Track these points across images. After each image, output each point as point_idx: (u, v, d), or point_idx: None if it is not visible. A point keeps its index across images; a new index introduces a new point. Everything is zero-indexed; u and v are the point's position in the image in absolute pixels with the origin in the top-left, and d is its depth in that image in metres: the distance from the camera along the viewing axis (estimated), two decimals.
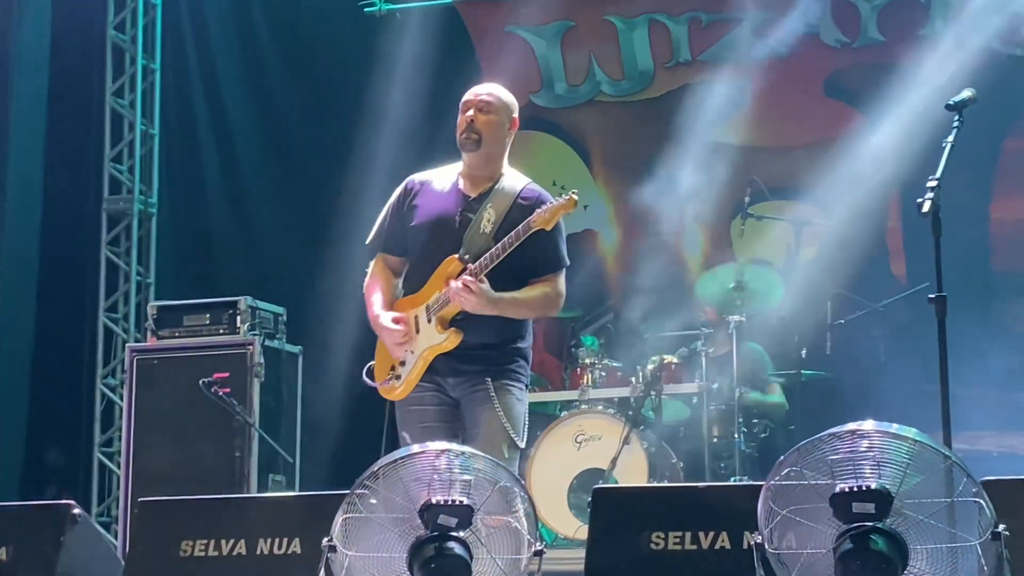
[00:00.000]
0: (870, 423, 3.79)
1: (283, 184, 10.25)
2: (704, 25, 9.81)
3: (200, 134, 10.50)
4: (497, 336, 5.08)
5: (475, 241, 5.06)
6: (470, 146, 5.16)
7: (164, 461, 8.05)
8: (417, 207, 5.23)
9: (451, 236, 5.11)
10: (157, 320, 8.49)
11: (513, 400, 5.09)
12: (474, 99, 5.20)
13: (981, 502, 3.64)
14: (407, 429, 5.16)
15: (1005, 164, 9.02)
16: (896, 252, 9.12)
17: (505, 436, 5.03)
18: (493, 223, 5.07)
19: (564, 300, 5.20)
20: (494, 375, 5.06)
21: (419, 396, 5.13)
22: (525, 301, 5.07)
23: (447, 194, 5.21)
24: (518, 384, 5.13)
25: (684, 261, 9.59)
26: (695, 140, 9.16)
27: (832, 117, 9.25)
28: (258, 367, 8.12)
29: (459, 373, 5.09)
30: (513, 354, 5.13)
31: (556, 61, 10.10)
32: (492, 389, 5.04)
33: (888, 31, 9.37)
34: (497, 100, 5.21)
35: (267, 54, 10.45)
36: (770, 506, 3.80)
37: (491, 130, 5.16)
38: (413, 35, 10.11)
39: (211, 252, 10.34)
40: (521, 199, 5.13)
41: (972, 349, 7.06)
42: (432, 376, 5.11)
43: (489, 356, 5.08)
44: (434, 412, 5.13)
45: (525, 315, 5.13)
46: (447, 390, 5.13)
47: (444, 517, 4.06)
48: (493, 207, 5.11)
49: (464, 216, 5.13)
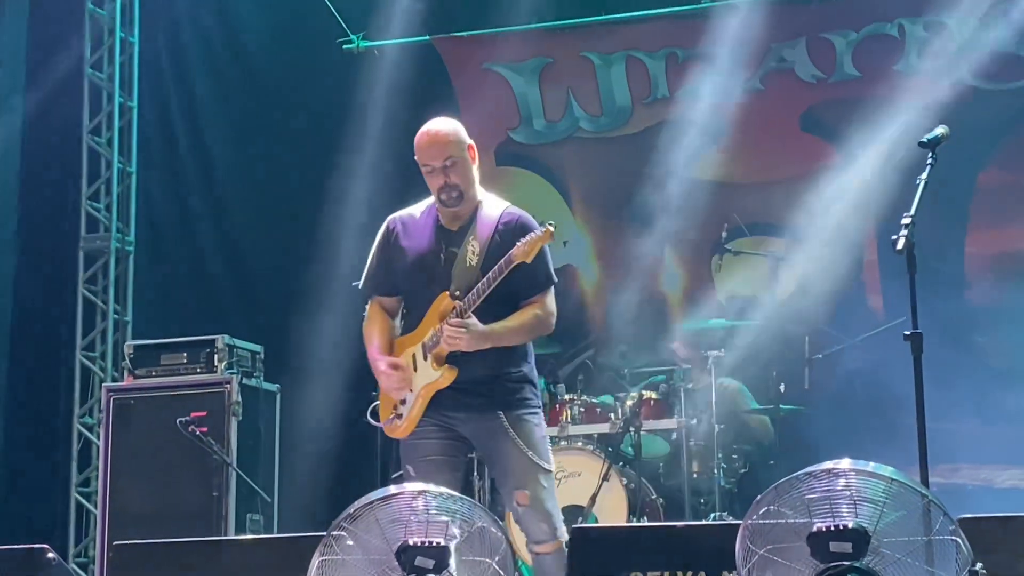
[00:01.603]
0: (847, 461, 3.79)
1: (261, 221, 10.23)
2: (681, 61, 9.84)
3: (178, 172, 10.49)
4: (498, 366, 5.10)
5: (463, 275, 5.08)
6: (454, 203, 5.17)
7: (141, 501, 8.00)
8: (402, 248, 5.27)
9: (439, 273, 5.14)
10: (134, 359, 8.45)
11: (531, 428, 5.11)
12: (437, 163, 5.16)
13: (958, 540, 3.63)
14: (410, 463, 5.18)
15: (980, 198, 9.06)
16: (873, 286, 9.14)
17: (535, 467, 5.05)
18: (478, 255, 5.09)
19: (556, 317, 5.20)
20: (505, 407, 5.08)
21: (423, 431, 5.16)
22: (517, 327, 5.09)
23: (429, 231, 5.23)
24: (531, 410, 5.15)
25: (664, 297, 9.59)
26: (673, 176, 9.20)
27: (808, 152, 9.28)
28: (236, 406, 8.08)
29: (468, 408, 5.11)
30: (519, 381, 5.15)
31: (534, 97, 10.12)
32: (507, 422, 5.05)
33: (863, 66, 9.41)
34: (454, 146, 5.19)
35: (245, 91, 10.45)
36: (748, 545, 3.80)
37: (464, 177, 5.17)
38: (391, 72, 10.14)
39: (188, 290, 10.31)
40: (502, 225, 5.15)
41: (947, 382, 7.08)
42: (439, 411, 5.13)
43: (495, 388, 5.09)
44: (437, 445, 5.14)
45: (521, 340, 5.14)
46: (455, 425, 5.15)
47: (421, 559, 4.05)
48: (475, 239, 5.13)
49: (449, 252, 5.16)
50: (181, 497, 7.91)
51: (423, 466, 5.09)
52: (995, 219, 9.00)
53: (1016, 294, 8.58)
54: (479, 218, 5.18)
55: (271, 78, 10.37)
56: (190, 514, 7.78)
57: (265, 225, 10.19)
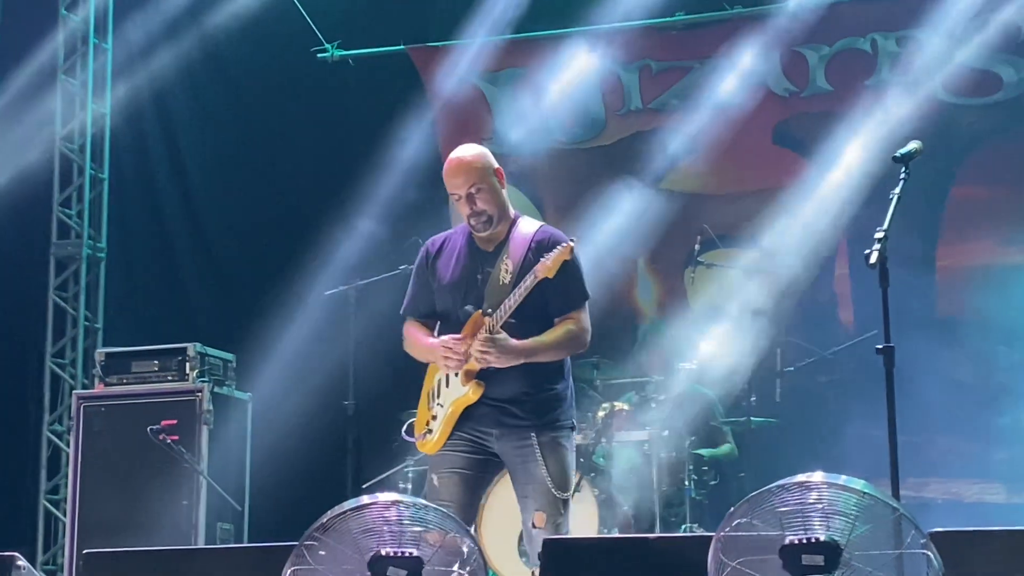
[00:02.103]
0: (819, 475, 3.80)
1: (234, 230, 10.21)
2: (655, 73, 9.87)
3: (151, 180, 10.46)
4: (532, 383, 5.12)
5: (495, 293, 5.12)
6: (482, 227, 5.21)
7: (111, 509, 7.96)
8: (438, 268, 5.31)
9: (473, 292, 5.18)
10: (105, 366, 8.42)
11: (563, 452, 5.13)
12: (462, 190, 5.18)
13: (929, 554, 3.65)
14: (435, 472, 5.22)
15: (951, 212, 9.11)
16: (844, 299, 9.18)
17: (554, 498, 5.08)
18: (511, 273, 5.13)
19: (590, 335, 5.23)
20: (539, 428, 5.10)
21: (454, 443, 5.19)
22: (551, 343, 5.11)
23: (464, 252, 5.28)
24: (564, 432, 5.17)
25: (637, 308, 9.61)
26: (647, 187, 9.23)
27: (781, 165, 9.32)
28: (207, 414, 8.06)
29: (502, 425, 5.13)
30: (553, 400, 5.17)
31: (508, 107, 10.12)
32: (537, 446, 5.08)
33: (836, 81, 9.46)
34: (478, 173, 5.20)
35: (220, 99, 10.44)
36: (720, 558, 3.80)
37: (492, 202, 5.19)
38: (366, 81, 10.15)
39: (160, 298, 10.28)
40: (535, 243, 5.18)
41: (917, 395, 7.12)
42: (473, 427, 5.16)
43: (530, 407, 5.11)
44: (465, 460, 5.17)
45: (553, 356, 5.16)
46: (487, 441, 5.17)
47: (393, 569, 4.04)
48: (509, 257, 5.17)
49: (484, 271, 5.20)
50: (151, 505, 7.88)
51: (447, 478, 5.15)
52: (966, 233, 9.05)
53: (986, 308, 8.63)
54: (513, 237, 5.22)
55: (246, 86, 10.36)
56: (160, 523, 7.74)
57: (238, 233, 10.17)
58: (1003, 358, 8.36)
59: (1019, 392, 8.42)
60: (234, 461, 8.31)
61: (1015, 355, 8.37)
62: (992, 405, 8.42)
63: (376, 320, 8.54)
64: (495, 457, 5.20)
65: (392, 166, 9.69)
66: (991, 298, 8.66)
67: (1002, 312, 8.49)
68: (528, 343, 5.06)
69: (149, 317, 10.12)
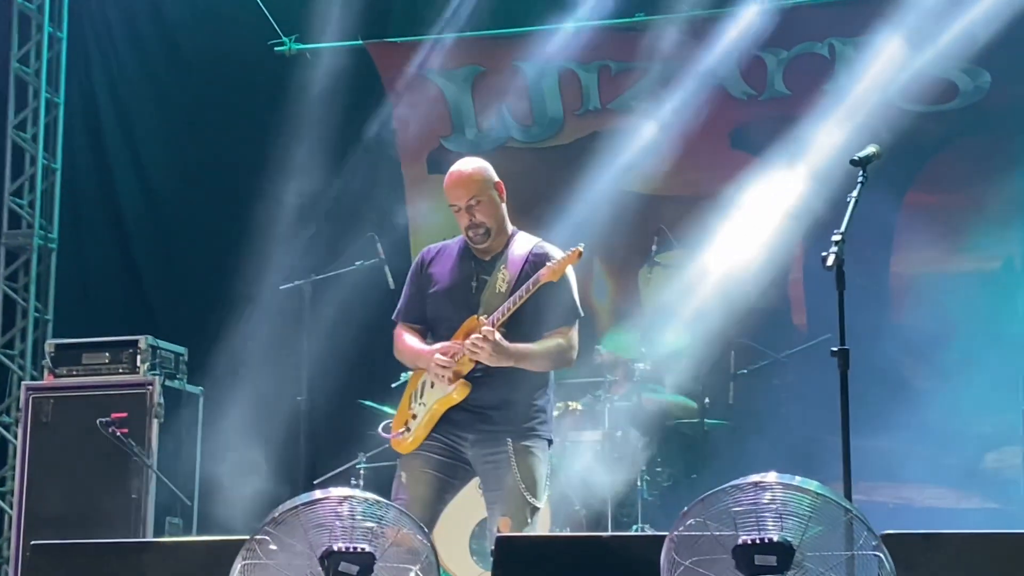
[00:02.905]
0: (772, 475, 3.80)
1: (187, 223, 10.15)
2: (614, 73, 9.89)
3: (104, 170, 10.38)
4: (515, 392, 5.15)
5: (492, 302, 5.16)
6: (481, 239, 5.27)
7: (58, 502, 7.89)
8: (433, 274, 5.34)
9: (469, 299, 5.22)
10: (55, 358, 8.34)
11: (535, 461, 5.15)
12: (462, 202, 5.23)
13: (881, 556, 3.66)
14: (405, 469, 5.22)
15: (906, 218, 9.16)
16: (798, 303, 9.22)
17: (526, 504, 5.09)
18: (508, 282, 5.17)
19: (577, 352, 5.28)
20: (515, 436, 5.12)
21: (429, 445, 5.20)
22: (540, 352, 5.15)
23: (462, 259, 5.32)
24: (538, 444, 5.19)
25: (592, 308, 9.60)
26: (604, 188, 9.23)
27: (738, 168, 9.32)
28: (158, 407, 8.00)
29: (478, 431, 5.15)
30: (533, 412, 5.19)
31: (467, 106, 10.12)
32: (512, 451, 5.08)
33: (794, 85, 9.50)
34: (478, 186, 5.25)
35: (176, 91, 10.36)
36: (673, 557, 3.81)
37: (491, 215, 5.25)
38: (323, 76, 10.09)
39: (112, 290, 10.20)
40: (533, 256, 5.25)
41: (869, 400, 7.16)
42: (450, 430, 5.17)
43: (508, 415, 5.12)
44: (438, 462, 5.19)
45: (540, 366, 5.19)
46: (462, 447, 5.17)
47: (345, 564, 4.02)
48: (507, 267, 5.21)
49: (480, 279, 5.23)
50: (99, 499, 7.82)
51: (416, 476, 5.16)
52: (920, 240, 9.10)
53: (939, 314, 8.68)
54: (511, 249, 5.28)
55: (203, 78, 10.29)
56: (108, 516, 7.70)
57: (192, 226, 10.11)
58: (955, 364, 8.41)
59: (970, 398, 8.47)
60: (184, 455, 8.25)
61: (966, 361, 8.42)
62: (944, 411, 8.46)
63: (330, 316, 8.53)
64: (467, 464, 5.21)
65: (349, 162, 9.66)
66: (944, 304, 8.72)
67: (954, 319, 8.55)
68: (520, 347, 5.09)
69: (100, 309, 10.04)
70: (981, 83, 9.14)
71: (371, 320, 5.34)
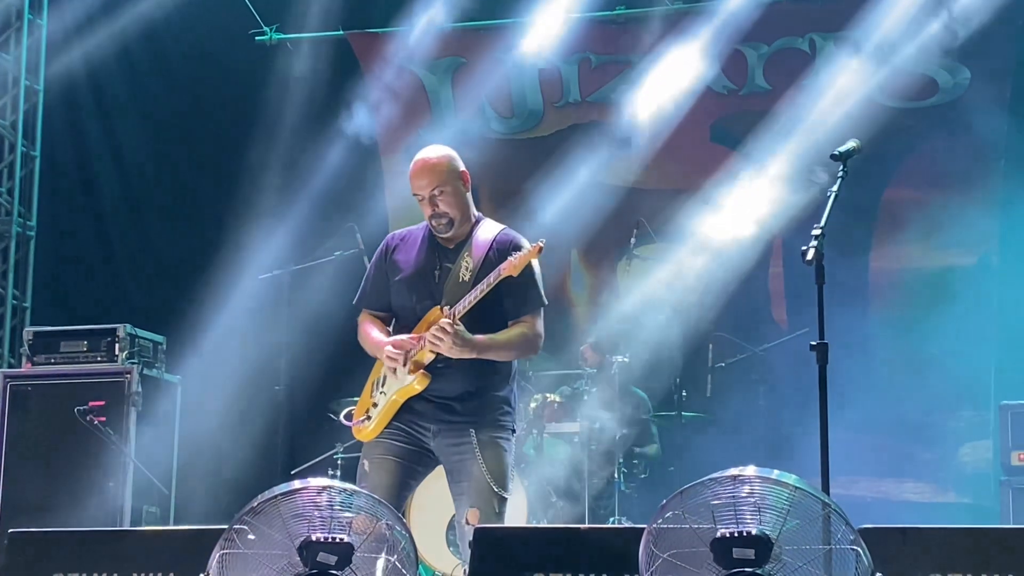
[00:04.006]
0: (751, 469, 3.81)
1: (167, 211, 10.13)
2: (594, 66, 9.90)
3: (84, 158, 10.35)
4: (478, 383, 5.09)
5: (455, 291, 5.08)
6: (444, 228, 5.17)
7: (36, 490, 7.86)
8: (397, 261, 5.27)
9: (432, 288, 5.15)
10: (33, 345, 8.31)
11: (500, 452, 5.10)
12: (425, 192, 5.15)
13: (859, 550, 3.67)
14: (368, 458, 5.17)
15: (885, 214, 9.20)
16: (777, 297, 9.25)
17: (493, 494, 5.04)
18: (471, 271, 5.09)
19: (543, 340, 5.21)
20: (479, 426, 5.07)
21: (391, 432, 5.14)
22: (503, 342, 5.08)
23: (425, 247, 5.24)
24: (503, 433, 5.13)
25: (570, 299, 9.63)
26: (583, 180, 9.25)
27: (718, 162, 9.36)
28: (136, 396, 7.98)
29: (441, 422, 5.09)
30: (499, 402, 5.14)
31: (446, 96, 10.12)
32: (476, 442, 5.05)
33: (774, 80, 9.53)
34: (442, 176, 5.17)
35: (156, 80, 10.34)
36: (651, 549, 3.81)
37: (455, 204, 5.16)
38: (304, 65, 10.09)
39: (90, 278, 10.18)
40: (497, 244, 5.16)
41: (847, 394, 7.18)
42: (412, 420, 5.12)
43: (472, 406, 5.08)
44: (400, 448, 5.13)
45: (504, 356, 5.13)
46: (425, 437, 5.12)
47: (324, 555, 4.02)
48: (470, 256, 5.13)
49: (443, 267, 5.16)
50: (76, 487, 7.79)
51: (378, 463, 5.10)
52: (898, 235, 9.14)
53: (917, 310, 8.73)
54: (475, 238, 5.19)
55: (182, 67, 10.27)
56: (85, 504, 7.67)
57: (171, 214, 10.09)
58: (933, 360, 8.45)
59: (948, 394, 8.53)
60: (162, 444, 8.23)
61: (943, 357, 8.46)
62: (922, 406, 8.51)
63: (309, 306, 8.53)
64: (431, 453, 5.16)
65: (329, 152, 9.65)
66: (922, 300, 8.76)
67: (932, 314, 8.59)
68: (483, 338, 5.03)
69: (79, 297, 10.02)
70: (961, 79, 9.18)
71: (350, 310, 5.31)
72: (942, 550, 4.22)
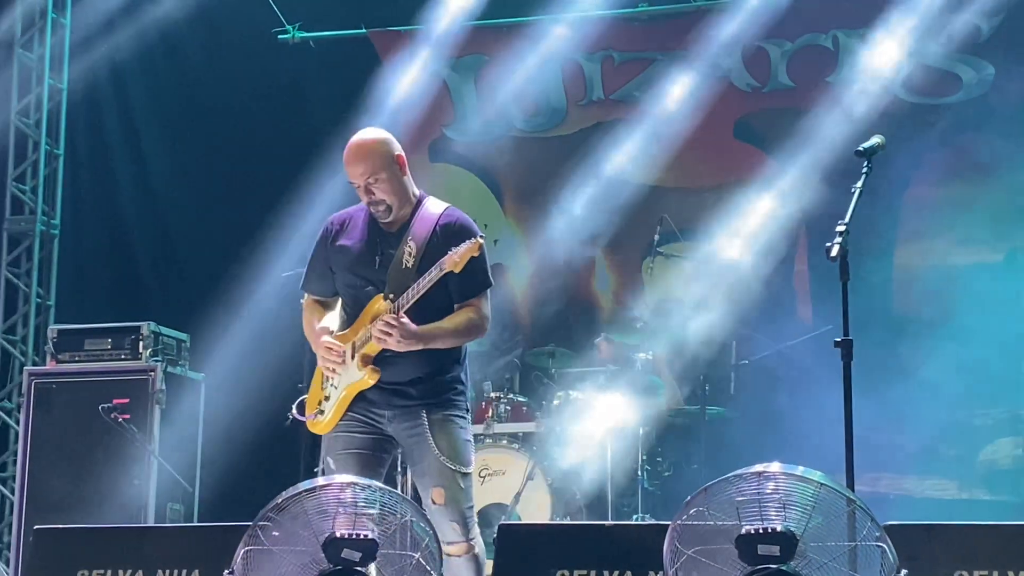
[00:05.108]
0: (776, 465, 3.80)
1: (190, 209, 10.14)
2: (617, 64, 9.88)
3: (107, 156, 10.37)
4: (428, 367, 5.04)
5: (398, 277, 5.02)
6: (384, 215, 5.10)
7: (60, 488, 7.89)
8: (339, 247, 5.19)
9: (374, 275, 5.08)
10: (57, 343, 8.34)
11: (453, 429, 5.04)
12: (359, 180, 5.06)
13: (884, 546, 3.67)
14: (331, 455, 5.12)
15: (908, 209, 9.16)
16: (803, 294, 9.22)
17: (453, 472, 4.98)
18: (415, 256, 5.03)
19: (489, 322, 5.14)
20: (430, 408, 5.03)
21: (347, 424, 5.09)
22: (449, 330, 5.03)
23: (367, 233, 5.16)
24: (456, 412, 5.08)
25: (594, 297, 9.61)
26: (606, 178, 9.24)
27: (741, 159, 9.34)
28: (159, 394, 8.00)
29: (394, 407, 5.05)
30: (449, 383, 5.09)
31: (470, 94, 10.12)
32: (428, 423, 5.01)
33: (797, 77, 9.50)
34: (375, 163, 5.06)
35: (178, 78, 10.36)
36: (676, 546, 3.81)
37: (391, 191, 5.07)
38: (326, 63, 10.10)
39: (114, 276, 10.20)
40: (439, 227, 5.08)
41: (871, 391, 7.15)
42: (367, 408, 5.08)
43: (423, 389, 5.04)
44: (360, 440, 5.08)
45: (451, 343, 5.08)
46: (381, 423, 5.08)
47: (348, 551, 4.03)
48: (413, 239, 5.06)
49: (385, 254, 5.09)
50: (100, 484, 7.82)
51: (343, 459, 5.04)
52: (922, 232, 9.10)
53: (941, 307, 8.69)
54: (417, 218, 5.11)
55: (205, 65, 10.28)
56: (109, 502, 7.70)
57: (194, 213, 10.10)
58: (956, 356, 8.41)
59: (971, 390, 8.49)
60: (186, 441, 8.25)
61: (968, 353, 8.42)
62: (945, 402, 8.47)
63: None
64: (390, 438, 5.10)
65: None
66: (946, 296, 8.72)
67: (956, 310, 8.55)
68: (428, 328, 4.97)
69: (101, 295, 10.04)
70: (985, 75, 9.14)
71: None
72: (967, 546, 4.22)
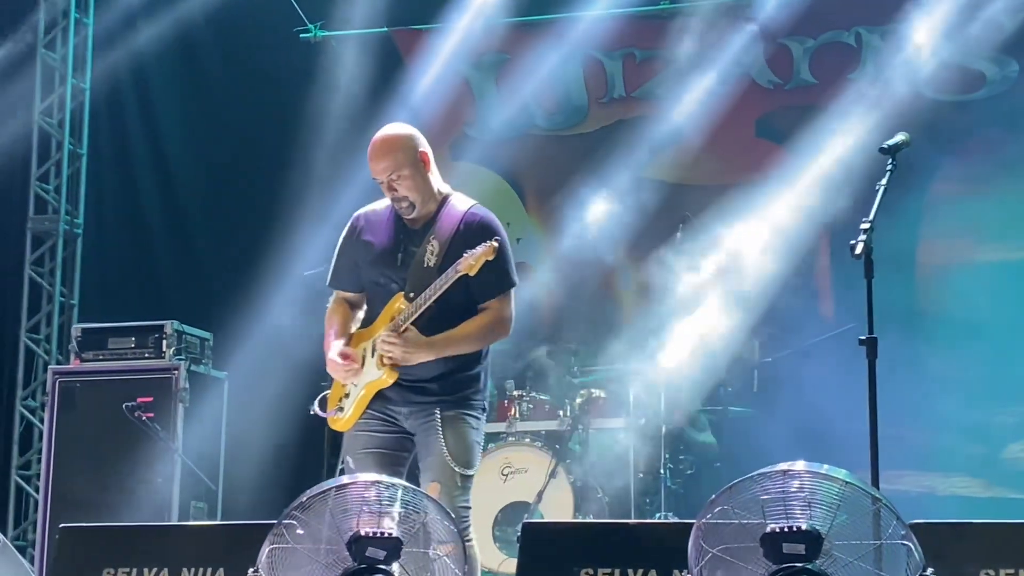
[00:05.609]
0: (801, 463, 3.80)
1: (213, 208, 10.17)
2: (638, 62, 9.87)
3: (130, 156, 10.40)
4: (450, 364, 5.04)
5: (419, 276, 5.01)
6: (407, 211, 5.09)
7: (84, 486, 7.93)
8: (364, 243, 5.19)
9: (396, 273, 5.08)
10: (81, 342, 8.38)
11: (465, 429, 5.03)
12: (382, 176, 5.05)
13: (910, 545, 3.66)
14: (350, 453, 5.14)
15: (932, 207, 9.12)
16: (825, 292, 9.19)
17: (454, 472, 4.97)
18: (437, 255, 5.02)
19: (512, 322, 5.12)
20: (445, 405, 5.03)
21: (366, 423, 5.11)
22: (465, 335, 5.02)
23: (391, 229, 5.16)
24: (470, 411, 5.07)
25: (616, 295, 9.60)
26: (628, 176, 9.22)
27: (763, 157, 9.30)
28: (183, 392, 8.03)
29: (411, 404, 5.06)
30: (466, 381, 5.09)
31: (491, 92, 10.11)
32: (440, 419, 5.00)
33: (820, 74, 9.47)
34: (399, 160, 5.05)
35: (200, 77, 10.38)
36: (700, 545, 3.80)
37: (413, 188, 5.06)
38: (348, 62, 10.10)
39: (137, 275, 10.23)
40: (463, 225, 5.06)
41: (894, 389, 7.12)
42: (385, 405, 5.09)
43: (441, 386, 5.04)
44: (380, 439, 5.09)
45: (469, 348, 5.07)
46: (399, 420, 5.10)
47: (372, 549, 4.03)
48: (436, 238, 5.05)
49: (408, 251, 5.08)
50: (124, 483, 7.86)
51: (362, 458, 5.06)
52: (946, 230, 9.07)
53: (964, 304, 8.66)
54: (442, 216, 5.09)
55: (227, 65, 10.30)
56: (133, 500, 7.73)
57: (217, 211, 10.13)
58: (980, 354, 8.39)
59: (996, 389, 8.46)
60: (209, 440, 8.28)
61: (992, 351, 8.40)
62: (969, 400, 8.44)
63: None
64: (409, 435, 5.11)
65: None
66: (969, 294, 8.69)
67: (980, 308, 8.52)
68: (438, 339, 4.97)
69: (125, 294, 10.07)
70: (1009, 72, 9.11)
71: None
72: (994, 545, 4.20)
